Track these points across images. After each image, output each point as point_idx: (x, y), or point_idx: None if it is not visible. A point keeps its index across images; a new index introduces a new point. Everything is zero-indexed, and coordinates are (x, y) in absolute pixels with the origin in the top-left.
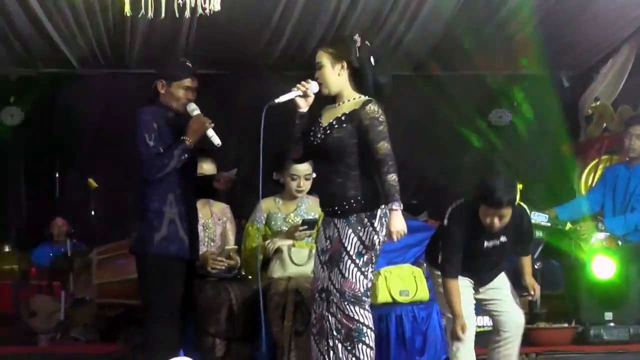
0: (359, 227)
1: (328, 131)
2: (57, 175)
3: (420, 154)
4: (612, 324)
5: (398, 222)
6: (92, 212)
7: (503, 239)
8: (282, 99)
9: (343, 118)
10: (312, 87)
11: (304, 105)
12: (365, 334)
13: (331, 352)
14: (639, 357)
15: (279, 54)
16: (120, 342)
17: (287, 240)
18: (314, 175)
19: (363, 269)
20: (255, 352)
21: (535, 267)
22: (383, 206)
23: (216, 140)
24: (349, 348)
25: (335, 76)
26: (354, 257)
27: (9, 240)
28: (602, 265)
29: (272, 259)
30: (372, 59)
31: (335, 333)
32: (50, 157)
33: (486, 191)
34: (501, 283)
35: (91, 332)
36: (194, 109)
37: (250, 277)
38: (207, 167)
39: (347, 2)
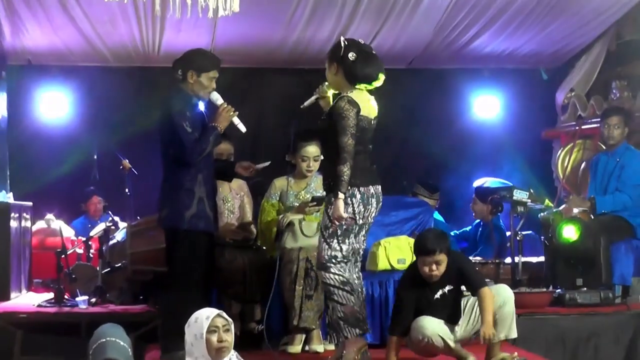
0: (329, 205)
1: (319, 123)
2: (95, 157)
3: (415, 137)
4: (584, 289)
5: (336, 210)
6: (127, 190)
7: (449, 287)
8: (306, 103)
9: (328, 113)
10: (321, 89)
11: (324, 105)
12: (334, 293)
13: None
14: (608, 317)
15: (289, 51)
16: (150, 304)
17: (298, 214)
18: (322, 157)
19: (328, 240)
20: (267, 313)
21: (517, 238)
22: (355, 189)
23: (242, 128)
24: (328, 304)
25: (333, 76)
26: (322, 230)
27: (55, 215)
28: (569, 232)
29: (284, 231)
30: (351, 55)
31: None
32: (89, 141)
33: (419, 243)
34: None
35: (125, 295)
36: (217, 98)
37: (264, 247)
38: (224, 147)
39: (351, 4)
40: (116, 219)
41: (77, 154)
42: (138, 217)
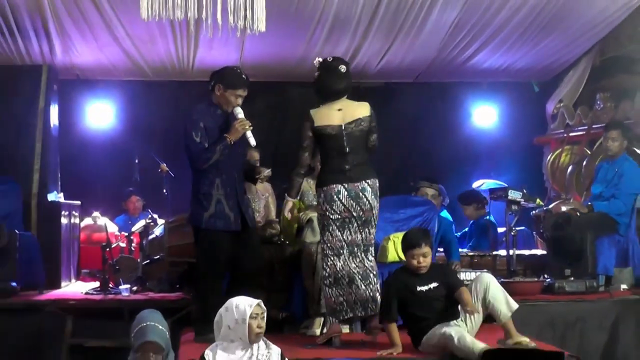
0: None
1: None
2: (136, 161)
3: (421, 143)
4: (572, 278)
5: (283, 210)
6: (164, 191)
7: (433, 284)
8: None
9: None
10: None
11: None
12: (323, 276)
13: None
14: (593, 304)
15: (309, 66)
16: (185, 292)
17: (315, 212)
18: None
19: (321, 232)
20: (290, 300)
21: (512, 233)
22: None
23: (252, 141)
24: None
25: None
26: None
27: (100, 212)
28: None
29: (304, 227)
30: (316, 74)
31: None
32: (131, 147)
33: (406, 239)
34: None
35: (163, 284)
36: (238, 112)
37: (287, 241)
38: (251, 154)
39: (364, 25)
40: (155, 216)
41: (120, 158)
42: (174, 215)
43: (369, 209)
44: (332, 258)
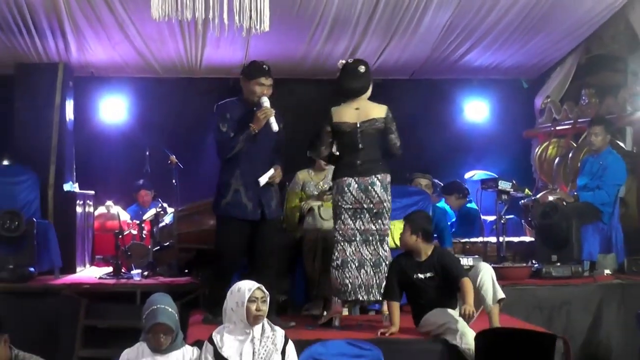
0: None
1: None
2: (147, 154)
3: (417, 137)
4: (558, 264)
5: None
6: (173, 181)
7: (429, 274)
8: None
9: None
10: None
11: None
12: (332, 259)
13: None
14: (578, 288)
15: (310, 64)
16: (193, 276)
17: (318, 201)
18: (337, 153)
19: (334, 220)
20: (293, 285)
21: (502, 221)
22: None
23: (274, 127)
24: None
25: None
26: None
27: (113, 202)
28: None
29: (306, 215)
30: (337, 74)
31: None
32: (142, 140)
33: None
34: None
35: (172, 269)
36: (264, 101)
37: (290, 229)
38: None
39: (362, 25)
40: (165, 205)
41: (132, 150)
42: (183, 204)
43: (378, 202)
44: (342, 244)
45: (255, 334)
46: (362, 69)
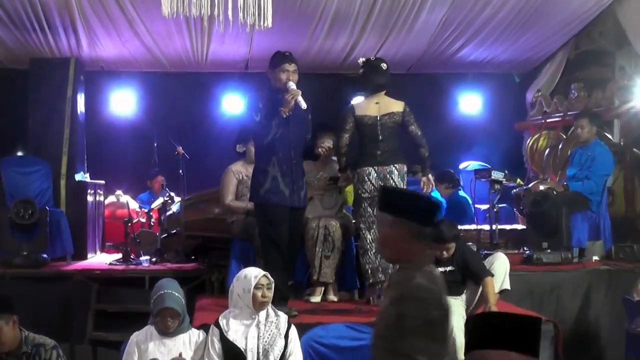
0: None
1: None
2: (155, 145)
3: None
4: (548, 250)
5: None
6: (180, 171)
7: (450, 267)
8: None
9: None
10: None
11: None
12: (357, 246)
13: None
14: (568, 273)
15: (311, 59)
16: (199, 263)
17: (319, 190)
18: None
19: (354, 209)
20: (295, 271)
21: (495, 210)
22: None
23: (303, 104)
24: None
25: None
26: None
27: (123, 191)
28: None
29: (308, 204)
30: (360, 71)
31: None
32: (150, 132)
33: (435, 233)
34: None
35: (179, 255)
36: (290, 85)
37: None
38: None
39: (361, 21)
40: (172, 194)
41: (140, 142)
42: (190, 193)
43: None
44: (363, 231)
45: (260, 319)
46: (384, 65)
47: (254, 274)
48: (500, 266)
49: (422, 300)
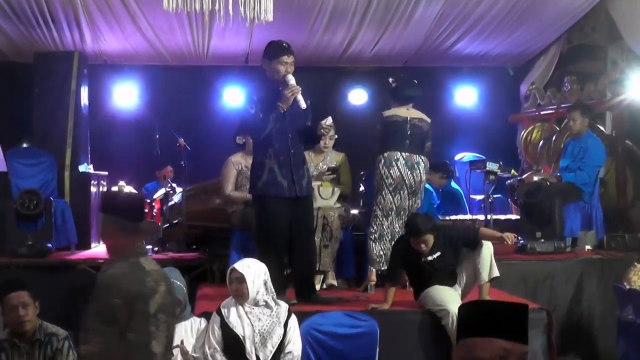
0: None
1: None
2: (157, 137)
3: None
4: (542, 240)
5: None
6: (182, 163)
7: (438, 253)
8: None
9: None
10: None
11: None
12: (370, 232)
13: None
14: (561, 263)
15: (310, 52)
16: (200, 252)
17: (317, 181)
18: (336, 136)
19: (375, 195)
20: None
21: (489, 200)
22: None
23: (302, 104)
24: None
25: None
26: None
27: (125, 182)
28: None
29: None
30: (394, 85)
31: None
32: (152, 124)
33: (409, 226)
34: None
35: (181, 245)
36: (289, 79)
37: None
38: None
39: (359, 16)
40: (174, 185)
41: (143, 134)
42: (191, 184)
43: (419, 181)
44: (380, 218)
45: (259, 308)
46: (415, 81)
47: (232, 267)
48: (486, 254)
49: (107, 287)
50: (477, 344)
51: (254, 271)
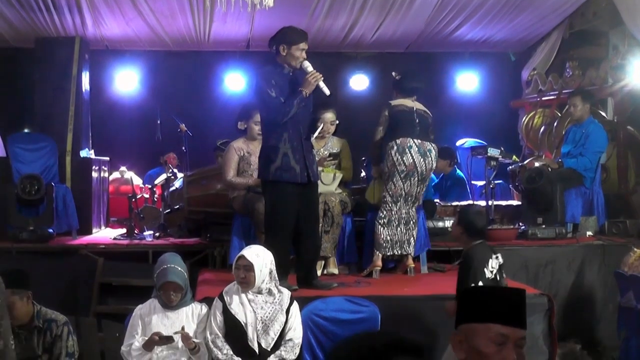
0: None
1: None
2: (158, 122)
3: None
4: (543, 226)
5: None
6: (183, 148)
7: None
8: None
9: None
10: None
11: None
12: (379, 217)
13: None
14: (562, 248)
15: (312, 38)
16: (201, 237)
17: (318, 167)
18: (337, 122)
19: (385, 181)
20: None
21: (491, 186)
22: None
23: (326, 91)
24: None
25: None
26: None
27: (127, 167)
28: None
29: None
30: (397, 77)
31: None
32: (154, 110)
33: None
34: None
35: (182, 230)
36: (307, 66)
37: None
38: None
39: (360, 1)
40: (175, 170)
41: (144, 119)
42: (192, 169)
43: (430, 169)
44: (389, 204)
45: (262, 295)
46: (417, 75)
47: (240, 254)
48: None
49: None
50: (476, 329)
51: (262, 260)
